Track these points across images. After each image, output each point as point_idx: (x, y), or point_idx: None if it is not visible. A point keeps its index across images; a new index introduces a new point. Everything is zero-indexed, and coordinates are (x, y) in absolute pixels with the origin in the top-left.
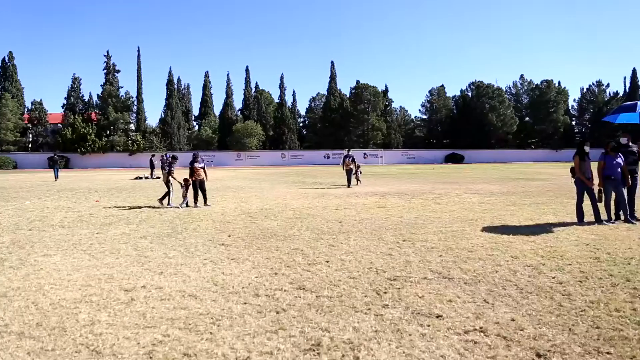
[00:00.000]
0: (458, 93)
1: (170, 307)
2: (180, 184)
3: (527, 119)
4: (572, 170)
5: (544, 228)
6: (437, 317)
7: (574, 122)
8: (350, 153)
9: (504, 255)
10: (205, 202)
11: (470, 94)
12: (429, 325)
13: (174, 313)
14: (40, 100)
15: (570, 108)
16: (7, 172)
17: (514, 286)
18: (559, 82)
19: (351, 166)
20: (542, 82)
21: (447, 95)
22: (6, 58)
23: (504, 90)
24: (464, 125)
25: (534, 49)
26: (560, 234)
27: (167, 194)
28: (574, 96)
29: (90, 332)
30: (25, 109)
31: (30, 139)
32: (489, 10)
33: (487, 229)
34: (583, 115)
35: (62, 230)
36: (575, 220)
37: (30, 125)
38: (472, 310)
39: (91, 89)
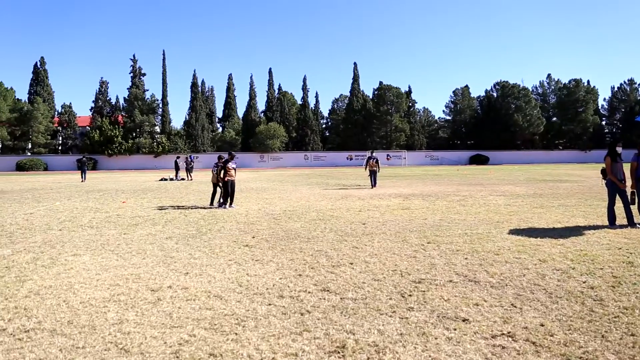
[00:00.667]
0: (482, 93)
1: (196, 308)
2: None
3: (554, 119)
4: (603, 171)
5: (574, 231)
6: (464, 320)
7: (604, 122)
8: (373, 154)
9: (531, 258)
10: (231, 203)
11: (495, 94)
12: (455, 329)
13: (200, 313)
14: (70, 103)
15: (600, 107)
16: (38, 174)
17: (542, 290)
18: (588, 81)
19: (375, 167)
20: (570, 82)
21: (472, 95)
22: (38, 63)
23: (530, 90)
24: (489, 126)
25: (561, 48)
26: (591, 237)
27: (222, 194)
28: (604, 95)
29: (118, 330)
30: (56, 113)
31: (60, 142)
32: (514, 10)
33: (514, 232)
34: (614, 115)
35: (91, 231)
36: (606, 223)
37: (60, 128)
38: (499, 315)
39: (118, 92)
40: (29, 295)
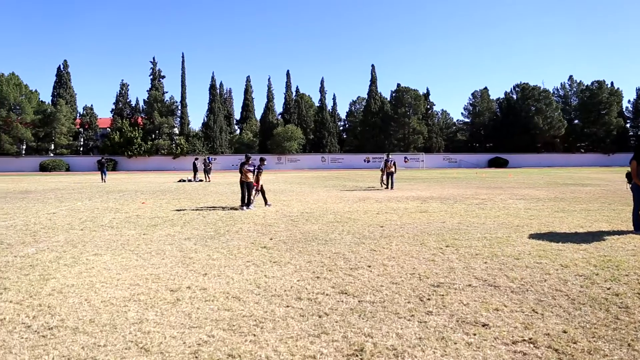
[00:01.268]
0: (502, 95)
1: (215, 308)
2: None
3: (576, 121)
4: (629, 175)
5: (597, 236)
6: (483, 325)
7: (628, 125)
8: (390, 157)
9: (553, 263)
10: (248, 204)
11: (515, 96)
12: (474, 334)
13: (218, 314)
14: (91, 105)
15: (624, 110)
16: (60, 174)
17: (564, 296)
18: (612, 83)
19: (392, 169)
20: (593, 83)
21: (491, 98)
22: (61, 66)
23: (551, 92)
24: (509, 129)
25: (583, 49)
26: (615, 242)
27: (262, 195)
28: (628, 97)
29: (138, 330)
30: (78, 114)
31: (82, 143)
32: (535, 11)
33: (534, 236)
34: (639, 117)
35: (111, 231)
36: (631, 228)
37: (81, 130)
38: (520, 320)
39: (138, 94)
40: (52, 294)
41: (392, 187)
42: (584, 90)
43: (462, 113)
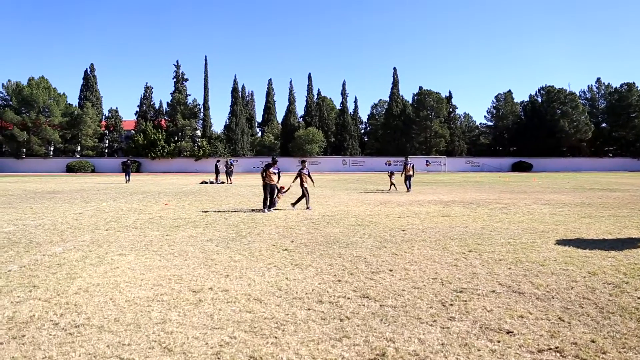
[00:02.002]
0: (526, 98)
1: (236, 310)
2: (282, 188)
3: (603, 125)
4: None
5: (626, 243)
6: (508, 333)
7: None
8: (409, 160)
9: (580, 270)
10: (270, 206)
11: (539, 99)
12: (499, 341)
13: (240, 316)
14: (116, 108)
15: None
16: (85, 175)
17: (592, 305)
18: None
19: (410, 172)
20: (622, 86)
21: (515, 101)
22: (88, 70)
23: (578, 94)
24: (533, 132)
25: (612, 51)
26: None
27: (303, 197)
28: None
29: (162, 330)
30: (103, 117)
31: (107, 145)
32: (560, 12)
33: (560, 242)
34: None
35: (135, 232)
36: None
37: (107, 132)
38: (546, 328)
39: (161, 96)
40: (78, 292)
41: (407, 189)
42: (612, 93)
43: (485, 116)
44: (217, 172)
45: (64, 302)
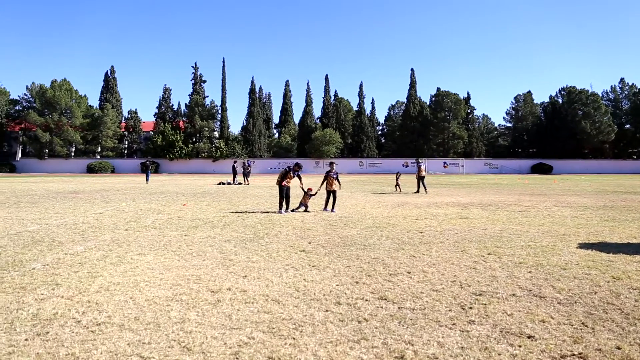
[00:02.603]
0: (546, 99)
1: (255, 311)
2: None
3: (627, 126)
4: None
5: None
6: (529, 337)
7: None
8: (421, 161)
9: (603, 275)
10: (287, 208)
11: (560, 100)
12: (520, 346)
13: (258, 316)
14: (136, 109)
15: None
16: (105, 176)
17: (617, 310)
18: None
19: (423, 173)
20: None
21: (535, 102)
22: (108, 72)
23: (600, 95)
24: (553, 134)
25: (636, 50)
26: None
27: (332, 201)
28: None
29: (181, 329)
30: (123, 118)
31: (126, 146)
32: (581, 11)
33: (583, 246)
34: None
35: (154, 232)
36: None
37: (126, 133)
38: (568, 333)
39: (180, 98)
40: (99, 291)
41: (425, 191)
42: (636, 94)
43: (504, 117)
44: (234, 173)
45: (85, 300)
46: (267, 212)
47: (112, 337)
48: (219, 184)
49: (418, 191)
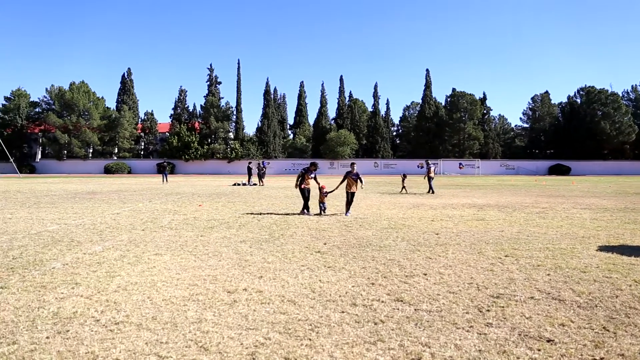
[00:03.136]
0: (564, 100)
1: (271, 311)
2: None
3: None
4: None
5: None
6: (549, 341)
7: None
8: (430, 163)
9: (625, 278)
10: (307, 210)
11: (579, 100)
12: (539, 350)
13: (274, 317)
14: (152, 111)
15: None
16: (122, 177)
17: None
18: None
19: (432, 174)
20: None
21: (552, 102)
22: (125, 74)
23: (621, 95)
24: (571, 135)
25: None
26: None
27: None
28: None
29: (198, 329)
30: (139, 119)
31: (142, 147)
32: (600, 10)
33: (603, 249)
34: None
35: (170, 232)
36: None
37: (142, 134)
38: (589, 338)
39: (195, 99)
40: (117, 290)
41: (431, 191)
42: None
43: (520, 118)
44: (249, 174)
45: (104, 300)
46: (285, 214)
47: (130, 336)
48: (234, 184)
49: (430, 192)
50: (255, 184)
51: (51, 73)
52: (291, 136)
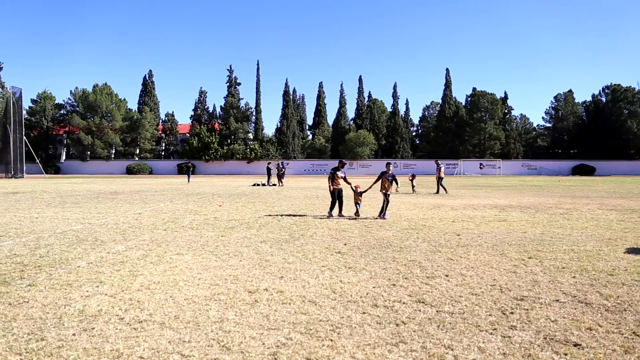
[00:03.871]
0: (589, 98)
1: (292, 312)
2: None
3: None
4: None
5: None
6: (575, 345)
7: None
8: (440, 163)
9: None
10: (341, 211)
11: (604, 99)
12: (565, 354)
13: (295, 317)
14: (172, 112)
15: None
16: (143, 177)
17: None
18: None
19: (442, 175)
20: None
21: (576, 101)
22: (146, 76)
23: None
24: (596, 134)
25: None
26: None
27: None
28: None
29: (219, 328)
30: (160, 120)
31: (163, 147)
32: (624, 6)
33: (631, 251)
34: None
35: (192, 232)
36: None
37: (163, 135)
38: (618, 343)
39: (215, 100)
40: (141, 289)
41: (443, 191)
42: None
43: (543, 117)
44: (268, 174)
45: (127, 298)
46: (304, 215)
47: (153, 334)
48: (254, 185)
49: (441, 191)
50: (274, 185)
51: (75, 75)
52: (310, 137)
